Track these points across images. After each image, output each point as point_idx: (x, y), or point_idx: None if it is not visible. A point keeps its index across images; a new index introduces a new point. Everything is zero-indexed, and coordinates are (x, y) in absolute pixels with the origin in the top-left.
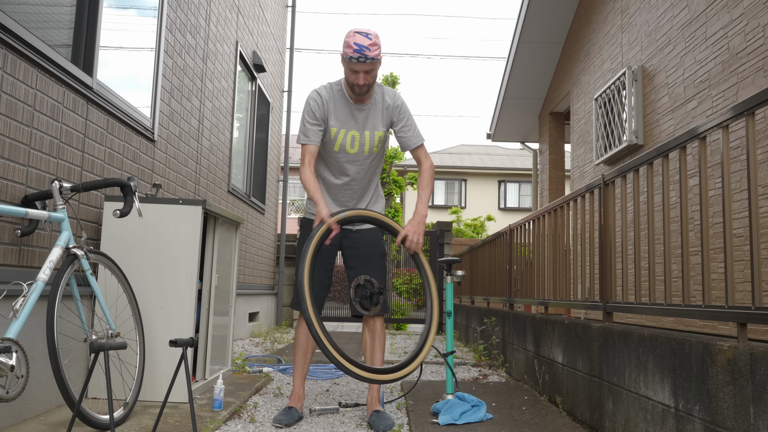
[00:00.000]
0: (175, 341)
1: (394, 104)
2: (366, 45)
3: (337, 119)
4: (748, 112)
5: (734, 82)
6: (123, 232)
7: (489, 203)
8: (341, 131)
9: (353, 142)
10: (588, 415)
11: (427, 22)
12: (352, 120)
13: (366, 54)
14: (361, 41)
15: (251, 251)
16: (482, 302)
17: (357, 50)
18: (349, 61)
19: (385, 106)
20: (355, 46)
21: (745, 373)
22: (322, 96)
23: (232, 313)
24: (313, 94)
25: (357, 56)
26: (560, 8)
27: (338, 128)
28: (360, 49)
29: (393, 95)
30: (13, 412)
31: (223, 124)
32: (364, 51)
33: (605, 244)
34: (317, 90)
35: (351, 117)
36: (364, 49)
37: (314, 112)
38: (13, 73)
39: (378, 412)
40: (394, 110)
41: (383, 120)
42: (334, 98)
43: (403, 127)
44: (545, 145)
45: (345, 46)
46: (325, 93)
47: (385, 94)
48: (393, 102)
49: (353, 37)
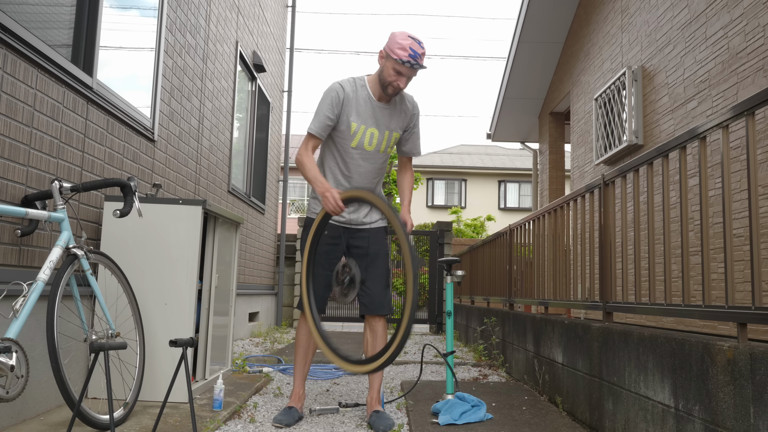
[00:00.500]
0: (175, 341)
1: (413, 110)
2: (420, 53)
3: (358, 115)
4: (748, 112)
5: (734, 82)
6: (123, 232)
7: (489, 203)
8: (361, 127)
9: (371, 140)
10: (588, 415)
11: (427, 22)
12: (373, 118)
13: (419, 62)
14: (417, 48)
15: (251, 251)
16: (482, 302)
17: (412, 55)
18: (401, 63)
19: (405, 109)
20: (411, 51)
21: (745, 373)
22: (345, 90)
23: (232, 313)
24: (336, 86)
25: (412, 62)
26: (560, 8)
27: (359, 124)
28: (415, 55)
29: (413, 102)
30: (13, 412)
31: (223, 124)
32: (418, 59)
33: (605, 244)
34: (341, 83)
35: (372, 115)
36: (419, 56)
37: (333, 106)
38: (13, 73)
39: (378, 412)
40: (412, 115)
41: (401, 122)
42: (357, 94)
43: (411, 135)
44: (545, 145)
45: (398, 47)
46: (349, 88)
47: (406, 99)
48: (412, 108)
49: (408, 41)
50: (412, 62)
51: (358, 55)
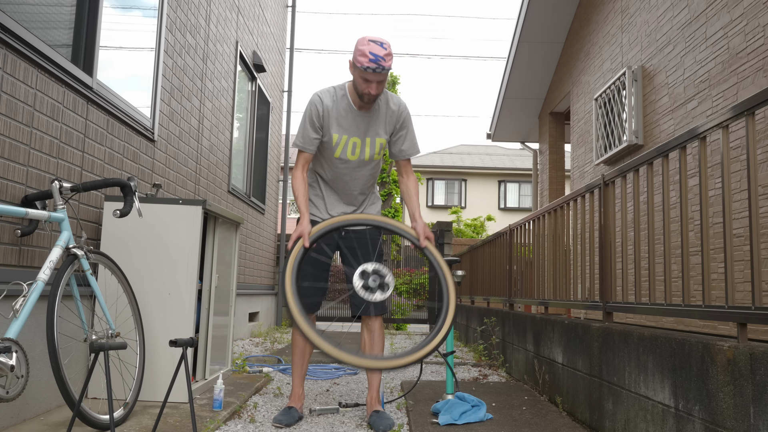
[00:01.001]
0: (175, 341)
1: (399, 111)
2: (382, 55)
3: (339, 126)
4: (748, 112)
5: (734, 82)
6: (123, 232)
7: (489, 203)
8: (343, 138)
9: (354, 149)
10: (588, 415)
11: (427, 22)
12: (355, 126)
13: (382, 64)
14: (377, 51)
15: (251, 251)
16: (482, 302)
17: (373, 60)
18: (364, 70)
19: (389, 112)
20: (371, 56)
21: (745, 373)
22: (324, 102)
23: (232, 313)
24: (315, 99)
25: (374, 66)
26: (560, 8)
27: (340, 135)
28: (376, 59)
29: (398, 102)
30: (13, 412)
31: (223, 124)
32: (380, 61)
33: (605, 244)
34: (320, 95)
35: (354, 124)
36: (380, 59)
37: (314, 120)
38: (13, 73)
39: (378, 412)
40: (398, 117)
41: (386, 126)
42: (338, 104)
43: (404, 136)
44: (545, 145)
45: (359, 54)
46: (328, 99)
47: (390, 101)
48: (398, 109)
49: (368, 46)
50: (375, 66)
51: None
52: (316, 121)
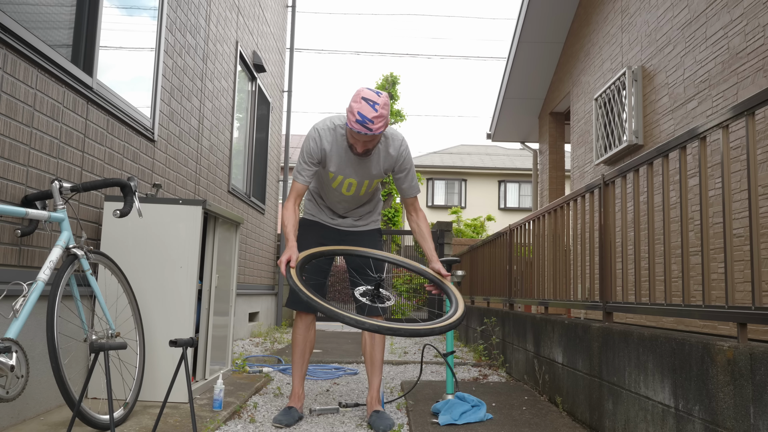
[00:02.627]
0: (175, 341)
1: (398, 155)
2: (370, 117)
3: (337, 166)
4: (748, 112)
5: (734, 82)
6: (123, 232)
7: (489, 203)
8: (339, 177)
9: (350, 188)
10: (588, 415)
11: (427, 22)
12: (351, 169)
13: (368, 127)
14: (367, 112)
15: (251, 251)
16: (482, 302)
17: (359, 121)
18: (350, 129)
19: (388, 158)
20: (359, 116)
21: (745, 373)
22: (323, 139)
23: (232, 313)
24: (314, 134)
25: (358, 128)
26: (560, 8)
27: (336, 174)
28: (363, 121)
29: (398, 146)
30: (13, 412)
31: (223, 124)
32: (367, 124)
33: (605, 244)
34: (319, 130)
35: (350, 166)
36: (367, 121)
37: (312, 154)
38: (13, 73)
39: (378, 412)
40: (397, 160)
41: (383, 167)
42: (336, 143)
43: (403, 178)
44: (545, 145)
45: (349, 110)
46: (328, 136)
47: (390, 145)
48: (397, 153)
49: (360, 105)
50: (359, 129)
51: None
52: (314, 157)
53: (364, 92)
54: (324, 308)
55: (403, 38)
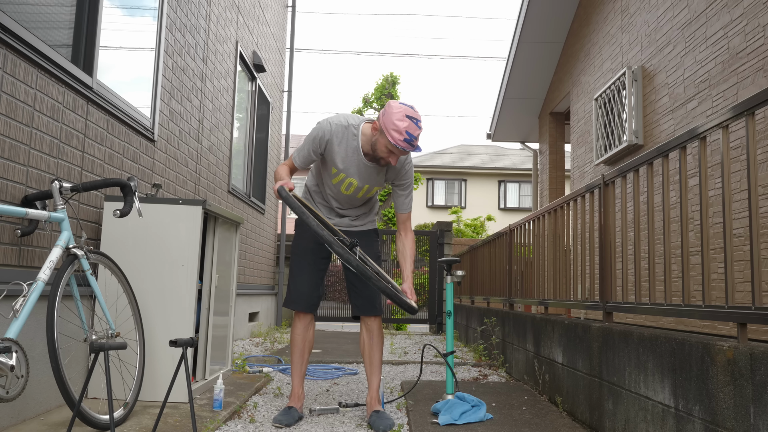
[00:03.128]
0: (175, 341)
1: (402, 167)
2: (416, 135)
3: (342, 163)
4: (748, 112)
5: (734, 82)
6: (123, 232)
7: (489, 203)
8: (341, 174)
9: (349, 187)
10: (588, 415)
11: (427, 22)
12: (356, 169)
13: (415, 144)
14: (413, 131)
15: (251, 251)
16: (482, 302)
17: (408, 140)
18: (394, 146)
19: (394, 168)
20: (407, 136)
21: (745, 373)
22: (334, 135)
23: (232, 313)
24: (326, 126)
25: (405, 147)
26: (560, 8)
27: (339, 171)
28: (411, 140)
29: (404, 159)
30: (13, 412)
31: (223, 124)
32: (413, 142)
33: (605, 244)
34: (332, 124)
35: (356, 168)
36: (414, 140)
37: (317, 146)
38: (13, 73)
39: (378, 412)
40: (400, 172)
41: (386, 176)
42: (346, 145)
43: (402, 191)
44: (545, 145)
45: (393, 128)
46: (340, 134)
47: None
48: (401, 166)
49: (406, 123)
50: (405, 147)
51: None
52: (320, 147)
53: (405, 109)
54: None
55: (403, 38)
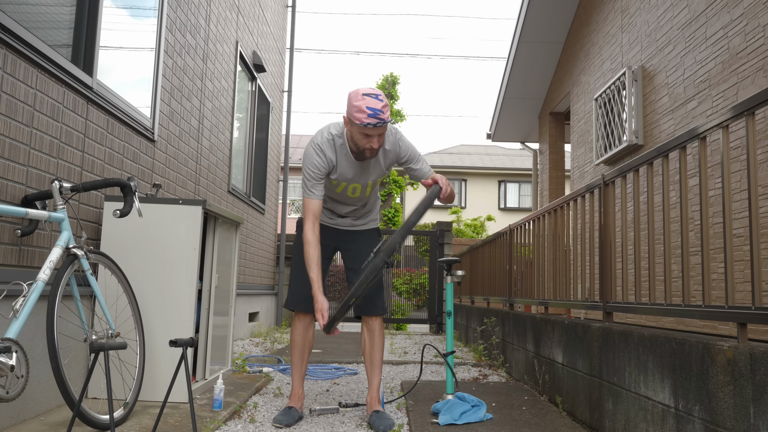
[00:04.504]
0: (175, 341)
1: (395, 147)
2: (380, 108)
3: (341, 174)
4: (748, 112)
5: (734, 82)
6: (123, 232)
7: (489, 203)
8: (342, 184)
9: (354, 191)
10: (588, 415)
11: (427, 22)
12: (354, 175)
13: (381, 117)
14: (374, 104)
15: (251, 251)
16: (482, 302)
17: (372, 114)
18: (365, 127)
19: (385, 152)
20: (369, 111)
21: (745, 373)
22: (325, 153)
23: (232, 313)
24: (315, 149)
25: (374, 122)
26: (560, 8)
27: (340, 181)
28: (375, 113)
29: (392, 139)
30: (13, 412)
31: (223, 124)
32: (379, 114)
33: (605, 244)
34: (320, 144)
35: (353, 172)
36: (379, 112)
37: (319, 168)
38: (13, 73)
39: (378, 412)
40: (397, 153)
41: (384, 164)
42: (337, 154)
43: (412, 164)
44: (545, 145)
45: (356, 110)
46: (328, 149)
47: (385, 141)
48: (393, 146)
49: (364, 101)
50: (375, 122)
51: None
52: (322, 170)
53: (361, 90)
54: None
55: (403, 38)
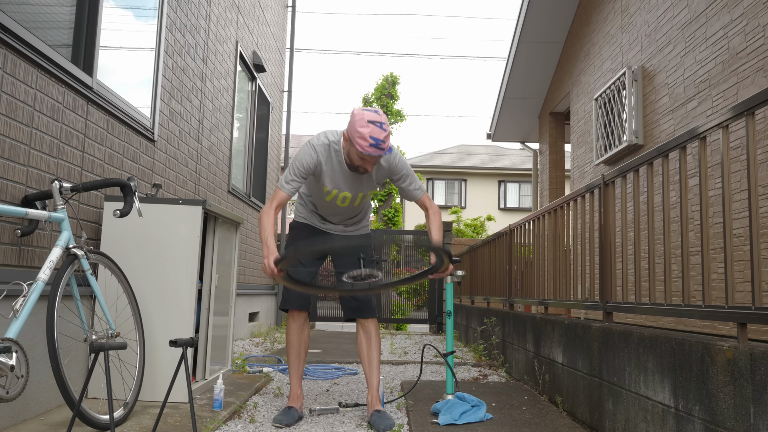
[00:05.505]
0: (175, 341)
1: (389, 167)
2: (382, 138)
3: (331, 181)
4: (748, 112)
5: (734, 82)
6: (123, 232)
7: (489, 203)
8: (334, 191)
9: (344, 200)
10: (588, 415)
11: (427, 22)
12: (346, 184)
13: (382, 147)
14: (377, 134)
15: (251, 251)
16: (482, 302)
17: (374, 145)
18: (363, 153)
19: (379, 167)
20: (372, 140)
21: (745, 373)
22: (318, 155)
23: (232, 313)
24: (309, 150)
25: (375, 153)
26: (560, 8)
27: (331, 188)
28: (377, 144)
29: (388, 157)
30: (13, 412)
31: (223, 124)
32: (381, 145)
33: (605, 244)
34: (315, 146)
35: (345, 182)
36: (381, 142)
37: (305, 168)
38: (13, 73)
39: (378, 412)
40: (390, 170)
41: (376, 179)
42: (331, 161)
43: (404, 183)
44: (545, 145)
45: (358, 136)
46: (323, 153)
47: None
48: (388, 163)
49: (368, 128)
50: (376, 153)
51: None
52: (306, 171)
53: (366, 115)
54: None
55: (403, 38)
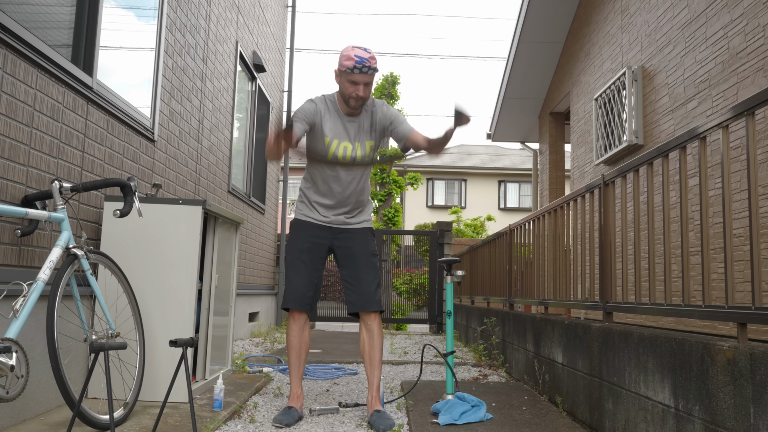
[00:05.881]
0: (175, 341)
1: (380, 108)
2: (366, 57)
3: (331, 130)
4: (748, 112)
5: (734, 82)
6: (123, 232)
7: (489, 203)
8: (334, 141)
9: (345, 152)
10: (588, 415)
11: (427, 22)
12: (344, 132)
13: (368, 64)
14: (362, 54)
15: (251, 251)
16: (482, 302)
17: (359, 61)
18: (351, 72)
19: (372, 114)
20: (357, 58)
21: (745, 373)
22: (316, 104)
23: (232, 313)
24: (307, 102)
25: (360, 66)
26: (560, 8)
27: (331, 138)
28: (362, 60)
29: (379, 104)
30: (13, 412)
31: (223, 124)
32: (367, 62)
33: (605, 244)
34: (314, 99)
35: (343, 129)
36: (365, 60)
37: (306, 113)
38: (13, 73)
39: (378, 412)
40: (384, 117)
41: (373, 128)
42: (328, 110)
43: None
44: (545, 145)
45: (344, 59)
46: (320, 103)
47: (373, 106)
48: (379, 107)
49: (353, 50)
50: (361, 67)
51: None
52: (308, 115)
53: (351, 45)
54: None
55: (403, 38)
